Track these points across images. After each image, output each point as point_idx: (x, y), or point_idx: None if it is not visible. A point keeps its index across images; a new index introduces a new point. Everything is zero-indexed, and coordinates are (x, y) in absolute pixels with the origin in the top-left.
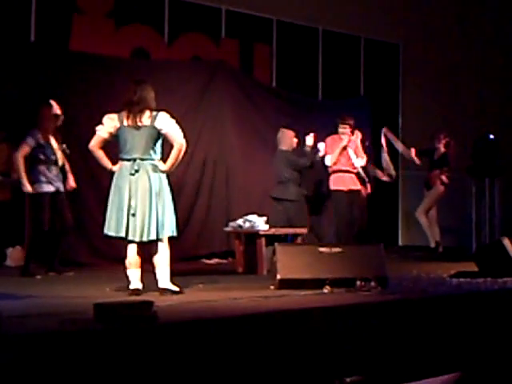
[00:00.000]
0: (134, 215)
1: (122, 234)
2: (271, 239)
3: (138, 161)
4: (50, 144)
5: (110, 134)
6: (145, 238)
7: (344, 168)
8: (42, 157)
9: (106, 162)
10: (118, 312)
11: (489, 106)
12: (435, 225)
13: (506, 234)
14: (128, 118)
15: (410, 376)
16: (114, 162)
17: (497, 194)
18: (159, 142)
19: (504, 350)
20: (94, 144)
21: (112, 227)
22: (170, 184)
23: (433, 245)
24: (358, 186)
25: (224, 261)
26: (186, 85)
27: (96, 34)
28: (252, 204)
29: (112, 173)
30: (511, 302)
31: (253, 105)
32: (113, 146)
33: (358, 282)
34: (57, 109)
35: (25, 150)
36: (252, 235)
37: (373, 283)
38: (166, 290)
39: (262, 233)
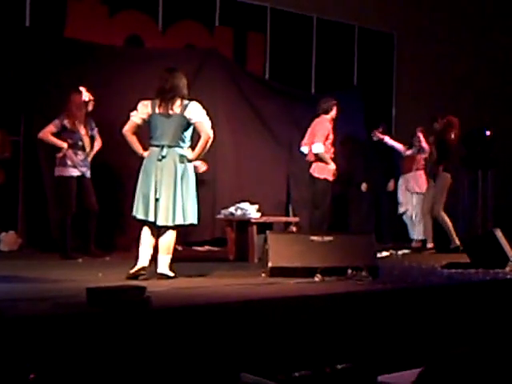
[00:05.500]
0: (157, 200)
1: (151, 219)
2: (262, 227)
3: (165, 148)
4: (78, 130)
5: (143, 119)
6: (170, 223)
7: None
8: (69, 141)
9: (137, 147)
10: (111, 297)
11: (484, 97)
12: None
13: (499, 226)
14: (160, 105)
15: (400, 365)
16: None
17: (490, 186)
18: (189, 131)
19: (495, 341)
20: (127, 129)
21: (140, 211)
22: (195, 173)
23: (457, 242)
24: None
25: (215, 248)
26: None
27: (90, 21)
28: (243, 192)
29: (142, 158)
30: (502, 293)
31: (243, 95)
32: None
33: (349, 271)
34: (86, 96)
35: (50, 128)
36: (244, 223)
37: (364, 272)
38: (162, 275)
39: (253, 221)
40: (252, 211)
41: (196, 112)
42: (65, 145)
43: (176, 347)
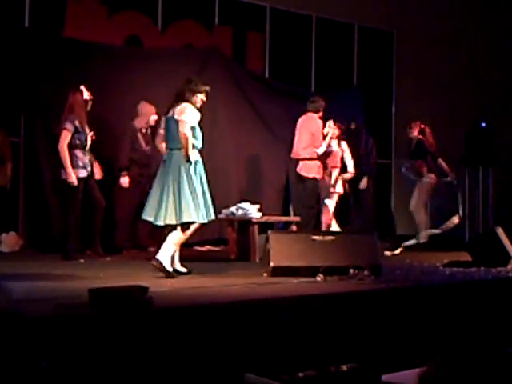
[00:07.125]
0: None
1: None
2: (264, 227)
3: (168, 150)
4: (85, 129)
5: (164, 129)
6: (161, 222)
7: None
8: (78, 142)
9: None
10: (113, 297)
11: (483, 95)
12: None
13: (500, 224)
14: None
15: (403, 364)
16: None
17: (490, 184)
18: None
19: (496, 339)
20: (157, 141)
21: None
22: (206, 172)
23: (423, 240)
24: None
25: (216, 248)
26: (179, 72)
27: (89, 21)
28: (244, 191)
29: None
30: (504, 291)
31: (244, 94)
32: None
33: (351, 271)
34: (87, 95)
35: (67, 137)
36: (245, 223)
37: (366, 272)
38: (158, 264)
39: (254, 220)
40: (253, 211)
41: (181, 111)
42: (73, 179)
43: (179, 347)
